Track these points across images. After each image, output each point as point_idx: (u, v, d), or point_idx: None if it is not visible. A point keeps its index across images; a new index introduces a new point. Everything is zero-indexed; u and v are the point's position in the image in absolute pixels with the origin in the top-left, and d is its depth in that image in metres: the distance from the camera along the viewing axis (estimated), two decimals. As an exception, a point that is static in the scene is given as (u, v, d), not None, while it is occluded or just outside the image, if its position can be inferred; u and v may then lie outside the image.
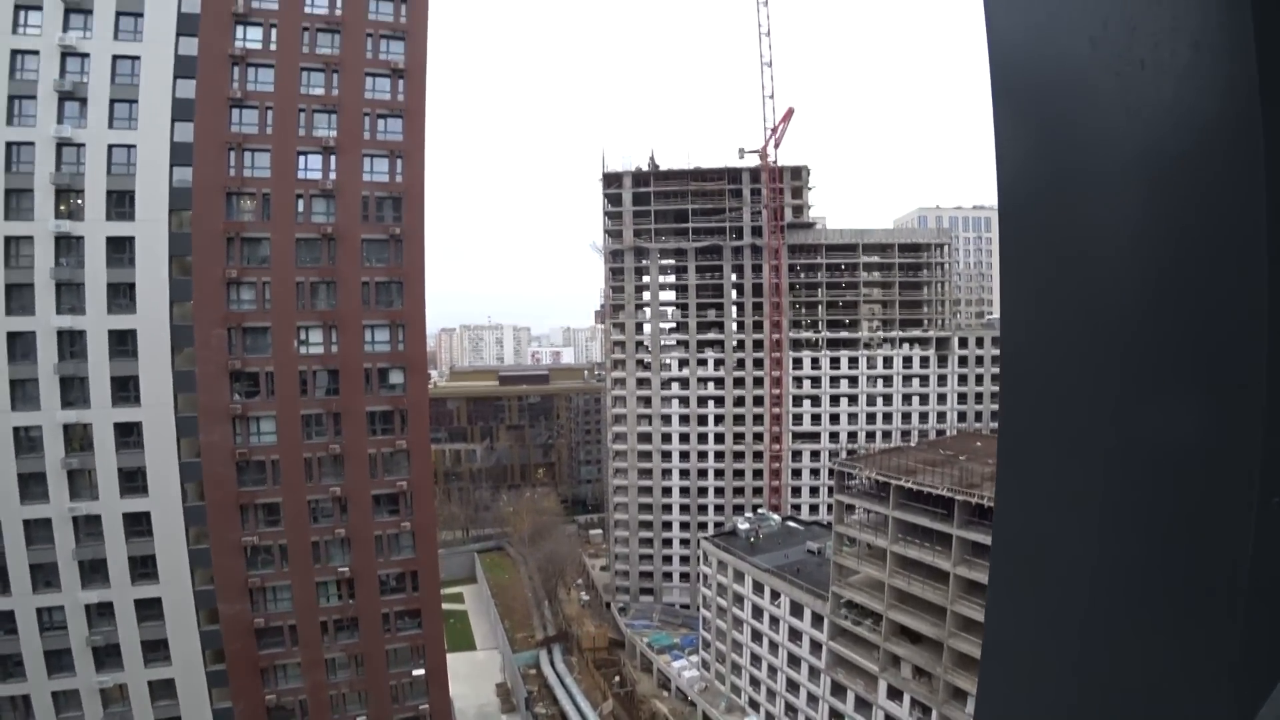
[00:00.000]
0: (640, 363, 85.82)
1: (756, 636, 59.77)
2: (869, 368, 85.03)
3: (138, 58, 41.37)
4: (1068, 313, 1.16)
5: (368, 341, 43.66)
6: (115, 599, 41.39)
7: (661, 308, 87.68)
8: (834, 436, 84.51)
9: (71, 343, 40.30)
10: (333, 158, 43.64)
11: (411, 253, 44.30)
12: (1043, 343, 1.27)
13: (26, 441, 40.06)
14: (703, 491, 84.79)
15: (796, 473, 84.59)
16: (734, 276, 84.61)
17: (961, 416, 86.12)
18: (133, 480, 41.05)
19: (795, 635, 55.34)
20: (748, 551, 62.76)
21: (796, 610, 55.14)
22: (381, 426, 44.22)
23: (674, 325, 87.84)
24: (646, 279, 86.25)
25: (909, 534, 45.39)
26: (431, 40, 45.90)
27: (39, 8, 40.35)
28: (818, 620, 53.23)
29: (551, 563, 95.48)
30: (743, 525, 69.00)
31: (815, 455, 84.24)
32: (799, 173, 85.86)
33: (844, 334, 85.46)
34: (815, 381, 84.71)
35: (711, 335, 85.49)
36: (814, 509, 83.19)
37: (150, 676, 42.35)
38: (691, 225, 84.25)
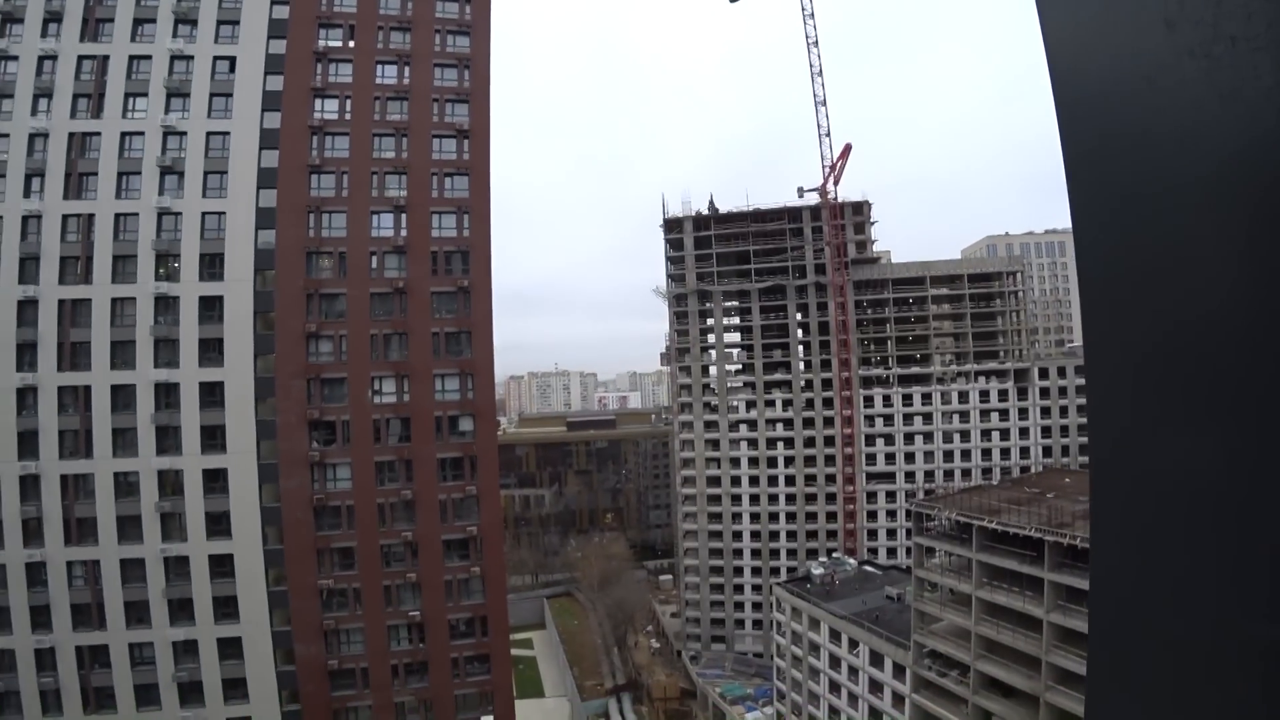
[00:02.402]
0: (707, 405, 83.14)
1: (834, 688, 54.59)
2: (944, 403, 79.45)
3: (228, 133, 43.51)
4: (1159, 334, 1.03)
5: (438, 390, 43.48)
6: (200, 636, 41.74)
7: (727, 349, 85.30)
8: (909, 476, 78.72)
9: (167, 394, 41.72)
10: (403, 216, 44.44)
11: (479, 304, 44.21)
12: (1130, 367, 1.06)
13: (125, 486, 41.40)
14: (774, 535, 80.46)
15: (872, 515, 79.20)
16: (799, 315, 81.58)
17: (1046, 451, 78.89)
18: (218, 524, 41.64)
19: (876, 687, 50.14)
20: (823, 598, 57.96)
21: (876, 660, 49.99)
22: (452, 472, 43.68)
23: (740, 367, 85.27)
24: (710, 321, 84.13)
25: (995, 578, 40.25)
26: (493, 99, 46.62)
27: (145, 94, 43.26)
28: (899, 671, 47.92)
29: (621, 609, 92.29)
30: (817, 570, 64.12)
31: (891, 496, 78.77)
32: (860, 208, 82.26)
33: (915, 369, 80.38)
34: (888, 419, 79.57)
35: (778, 375, 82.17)
36: (891, 552, 77.30)
37: (229, 714, 42.17)
38: (754, 266, 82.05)
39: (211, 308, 41.94)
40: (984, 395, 79.24)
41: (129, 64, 43.38)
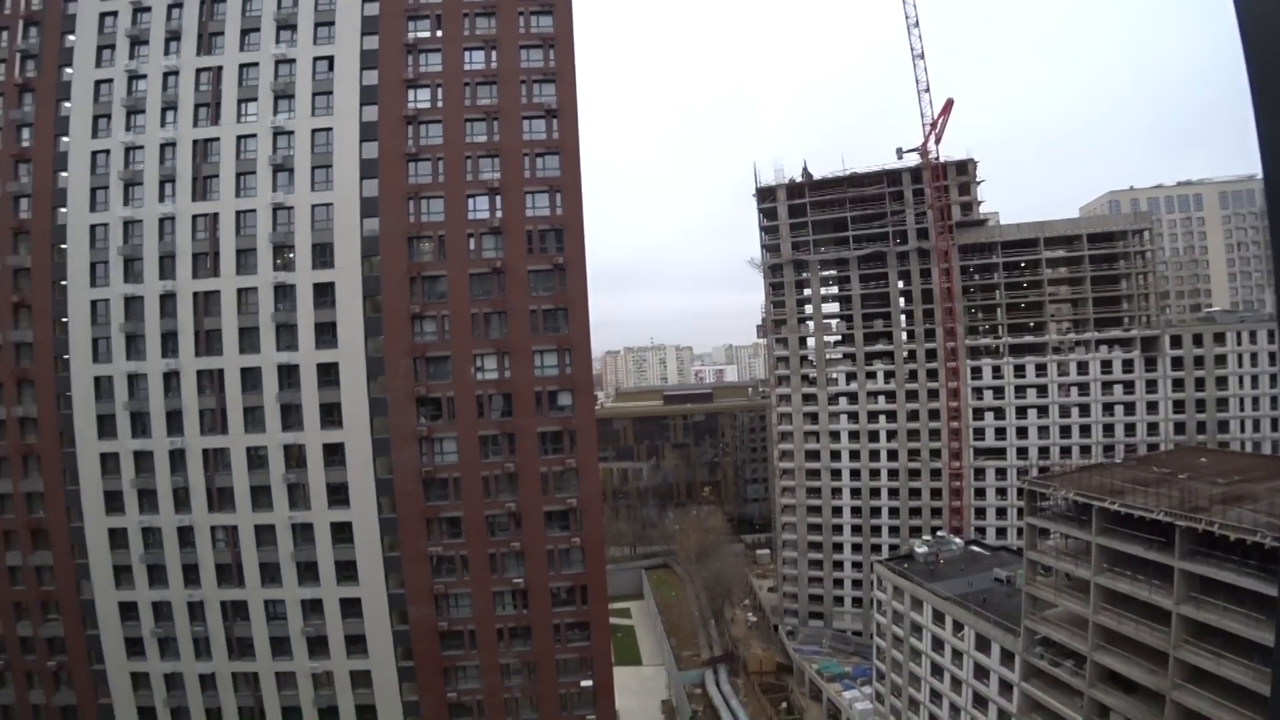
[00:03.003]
0: (805, 378, 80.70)
1: (937, 671, 52.07)
2: (1060, 374, 72.99)
3: (330, 129, 45.43)
4: None
5: (537, 366, 44.14)
6: (324, 596, 45.13)
7: (825, 320, 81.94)
8: (1022, 452, 73.50)
9: (288, 375, 44.69)
10: (498, 197, 44.99)
11: (574, 280, 44.30)
12: None
13: (256, 459, 45.05)
14: (876, 512, 77.59)
15: (980, 492, 74.61)
16: (900, 283, 77.15)
17: (1179, 428, 71.26)
18: (337, 494, 44.55)
19: (981, 672, 47.21)
20: (927, 577, 55.23)
21: (983, 645, 47.01)
22: (552, 446, 44.45)
23: (839, 338, 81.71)
24: (808, 291, 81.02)
25: (1117, 564, 36.26)
26: (580, 77, 46.01)
27: (255, 99, 45.95)
28: (1008, 658, 44.77)
29: (718, 582, 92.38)
30: (921, 548, 61.26)
31: (1001, 473, 73.90)
32: (964, 167, 76.19)
33: (1028, 338, 74.39)
34: (998, 392, 74.27)
35: (879, 346, 78.14)
36: (1001, 532, 72.81)
37: (351, 667, 45.64)
38: (851, 233, 78.06)
39: (324, 294, 44.31)
40: (1105, 366, 72.30)
41: (239, 72, 46.14)
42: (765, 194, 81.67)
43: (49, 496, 46.95)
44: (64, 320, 46.80)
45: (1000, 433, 73.96)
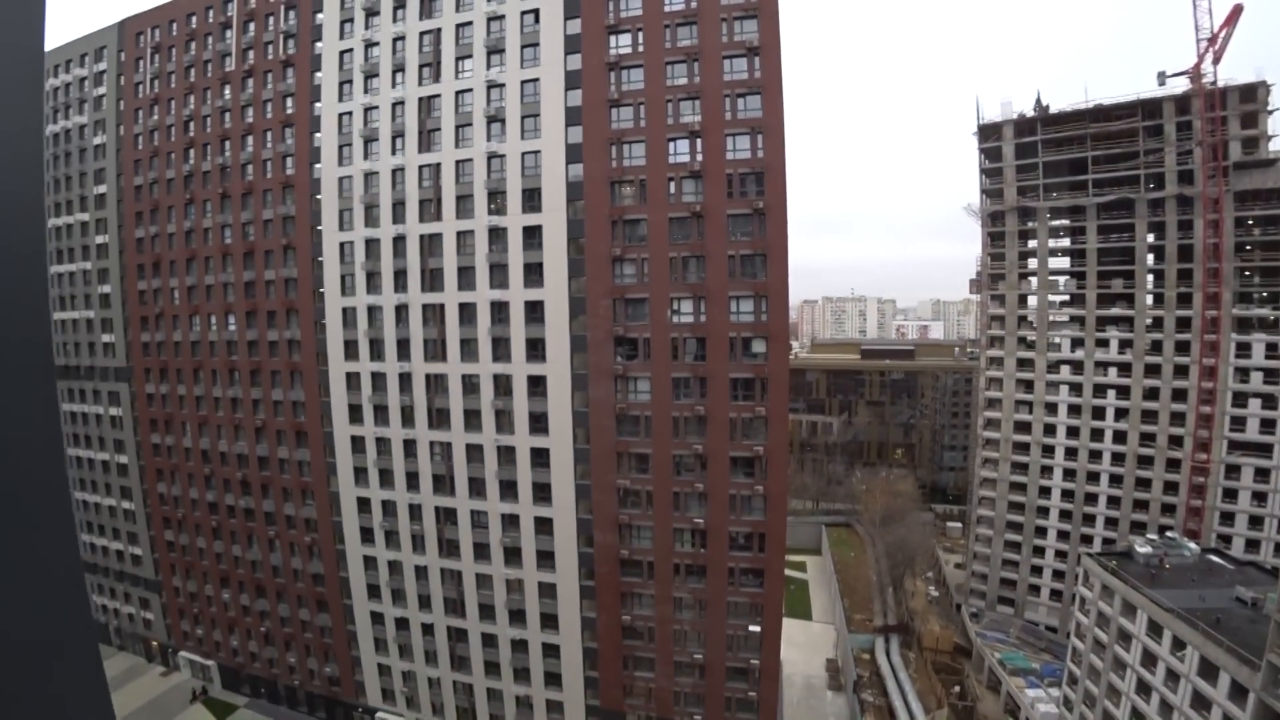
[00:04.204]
0: (1023, 341, 73.35)
1: (1143, 689, 46.19)
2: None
3: (538, 79, 47.97)
4: None
5: (733, 312, 44.41)
6: (521, 513, 50.48)
7: (1051, 277, 72.83)
8: (1296, 451, 61.18)
9: (499, 311, 49.35)
10: (698, 140, 44.97)
11: (774, 226, 43.47)
12: None
13: (469, 385, 50.76)
14: (1091, 499, 69.56)
15: (1230, 493, 63.72)
16: (1150, 237, 66.23)
17: None
18: (538, 422, 49.04)
19: (1201, 703, 40.99)
20: (1146, 582, 49.00)
21: (1208, 671, 40.72)
22: (743, 393, 44.87)
23: (1067, 298, 72.29)
24: (1033, 243, 72.57)
25: None
26: (781, 10, 43.90)
27: (470, 56, 49.77)
28: (1239, 693, 38.42)
29: (901, 549, 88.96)
30: (1143, 548, 54.34)
31: (1263, 474, 62.30)
32: (1251, 93, 62.45)
33: (1322, 312, 60.70)
34: (1270, 375, 62.00)
35: (1117, 310, 68.24)
36: (1252, 545, 62.15)
37: (540, 579, 50.90)
38: (1091, 176, 68.02)
39: (532, 236, 47.99)
40: None
41: (456, 32, 50.13)
42: (988, 131, 73.46)
43: (308, 405, 57.36)
44: (319, 260, 55.89)
45: (1269, 425, 61.88)
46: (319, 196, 55.59)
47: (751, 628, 47.28)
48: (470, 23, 49.91)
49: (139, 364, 66.90)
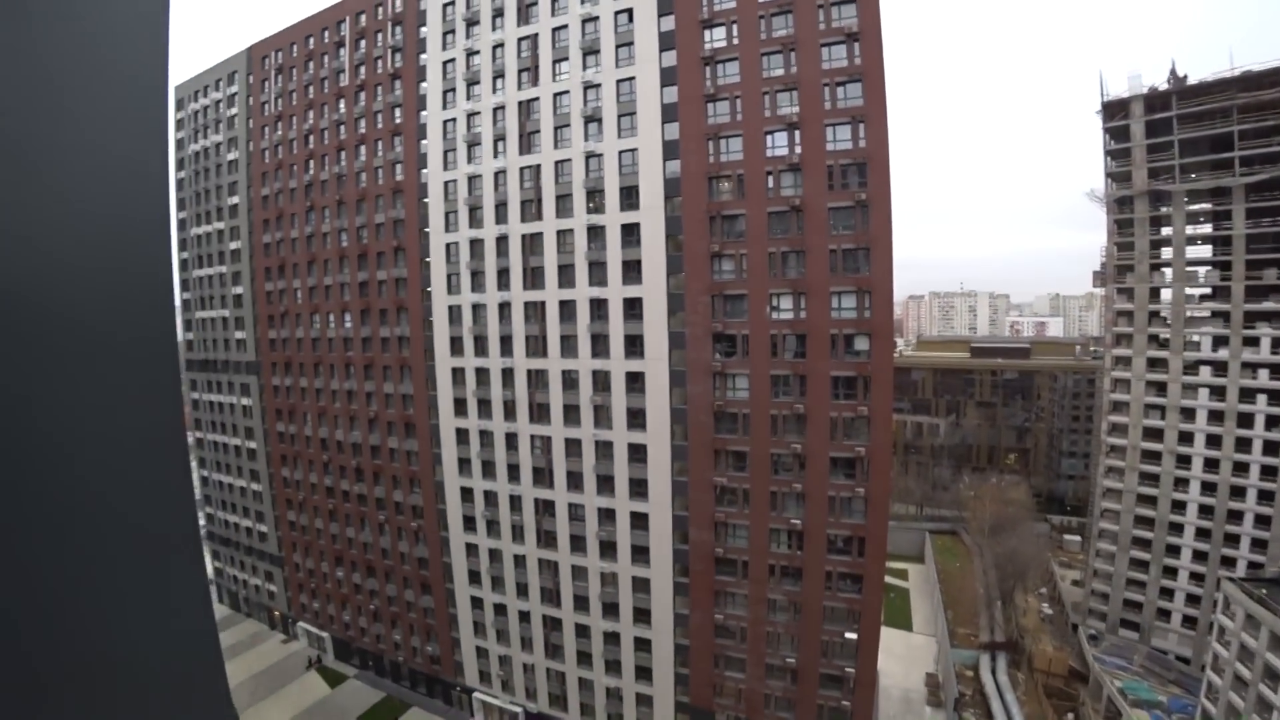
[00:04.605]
0: (1155, 339, 68.18)
1: None
2: None
3: (633, 78, 48.93)
4: None
5: (834, 308, 43.80)
6: (617, 507, 51.73)
7: (1189, 268, 66.92)
8: None
9: (598, 308, 50.83)
10: (796, 132, 44.53)
11: (877, 218, 42.46)
12: None
13: (569, 380, 52.56)
14: (1235, 516, 63.57)
15: None
16: (1312, 221, 59.64)
17: None
18: (636, 418, 50.17)
19: None
20: (1303, 611, 44.68)
21: None
22: (844, 391, 44.20)
23: (1208, 291, 66.28)
24: (1167, 230, 66.88)
25: None
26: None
27: (566, 59, 51.36)
28: None
29: (1012, 562, 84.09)
30: (1298, 571, 49.37)
31: None
32: None
33: None
34: None
35: (1269, 304, 61.82)
36: None
37: (634, 573, 51.98)
38: (1238, 154, 61.75)
39: (631, 233, 49.12)
40: None
41: (552, 36, 51.89)
42: (1114, 109, 68.21)
43: (416, 398, 61.27)
44: (427, 260, 59.53)
45: None
46: (426, 200, 59.19)
47: (848, 634, 46.46)
48: (565, 25, 51.61)
49: (266, 358, 73.56)
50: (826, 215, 43.57)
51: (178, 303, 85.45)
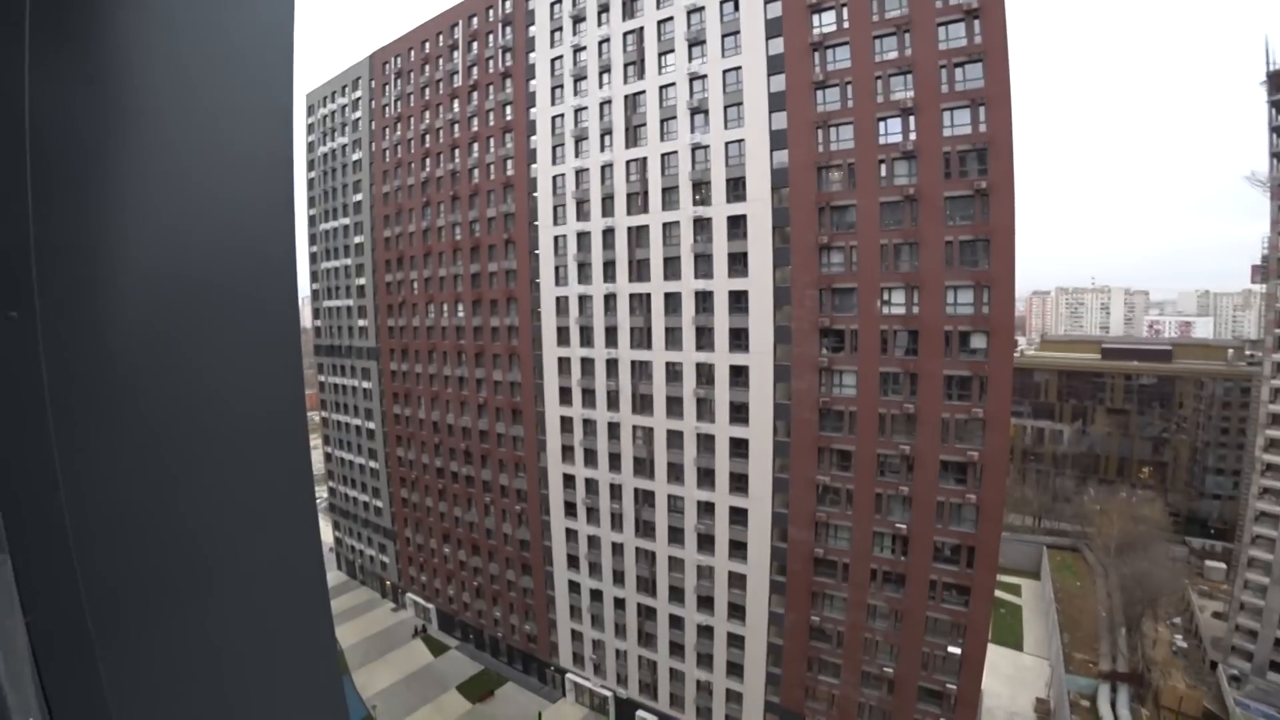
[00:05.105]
0: None
1: None
2: None
3: (739, 68, 49.18)
4: None
5: (949, 303, 42.42)
6: (716, 501, 52.53)
7: None
8: None
9: (703, 301, 51.74)
10: (910, 118, 43.27)
11: (999, 207, 40.57)
12: None
13: (672, 373, 53.92)
14: None
15: None
16: None
17: None
18: (739, 412, 50.72)
19: None
20: None
21: None
22: (958, 392, 42.78)
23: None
24: None
25: None
26: None
27: (672, 50, 52.41)
28: None
29: (1141, 586, 77.62)
30: None
31: None
32: None
33: None
34: None
35: None
36: None
37: (730, 568, 52.60)
38: None
39: (737, 226, 49.58)
40: None
41: (657, 29, 53.01)
42: (1280, 79, 61.25)
43: (524, 386, 64.68)
44: (536, 252, 62.66)
45: None
46: (535, 194, 62.30)
47: (951, 649, 45.01)
48: (671, 18, 52.57)
49: (385, 345, 79.90)
50: (942, 205, 42.15)
51: (306, 293, 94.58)
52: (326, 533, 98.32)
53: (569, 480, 61.99)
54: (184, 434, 1.27)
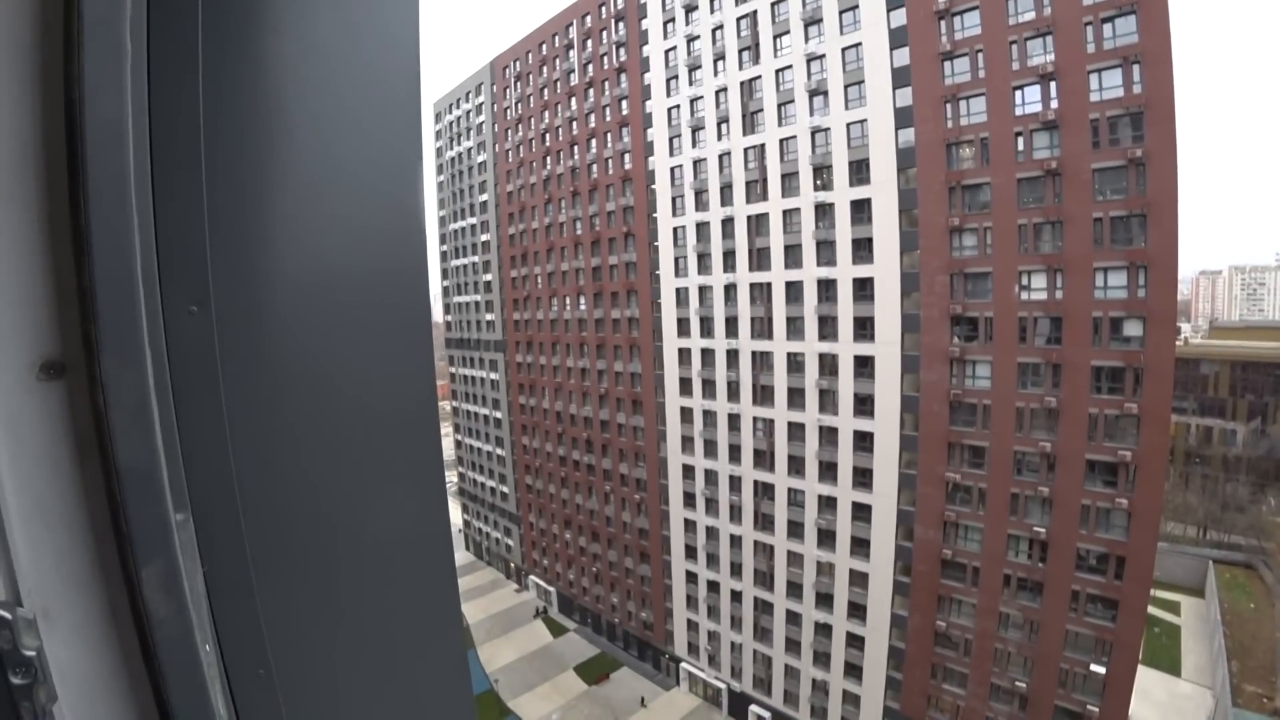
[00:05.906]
0: None
1: None
2: None
3: (859, 44, 48.55)
4: None
5: (1098, 287, 39.85)
6: (839, 496, 52.66)
7: None
8: None
9: (826, 289, 51.96)
10: (1051, 84, 40.83)
11: (1159, 178, 37.42)
12: None
13: (794, 364, 54.57)
14: None
15: None
16: None
17: None
18: (863, 404, 50.52)
19: None
20: None
21: None
22: (1108, 384, 40.12)
23: None
24: None
25: None
26: None
27: (787, 32, 52.59)
28: None
29: None
30: None
31: None
32: None
33: None
34: None
35: None
36: None
37: (852, 566, 52.60)
38: None
39: (861, 210, 49.22)
40: None
41: (771, 11, 53.37)
42: None
43: (644, 377, 67.76)
44: (655, 244, 65.36)
45: None
46: (653, 186, 64.91)
47: (1094, 667, 42.42)
48: (785, -1, 52.58)
49: (511, 338, 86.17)
50: (1090, 178, 39.54)
51: (438, 289, 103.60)
52: (456, 515, 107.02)
53: (688, 471, 64.36)
54: (329, 418, 1.43)
